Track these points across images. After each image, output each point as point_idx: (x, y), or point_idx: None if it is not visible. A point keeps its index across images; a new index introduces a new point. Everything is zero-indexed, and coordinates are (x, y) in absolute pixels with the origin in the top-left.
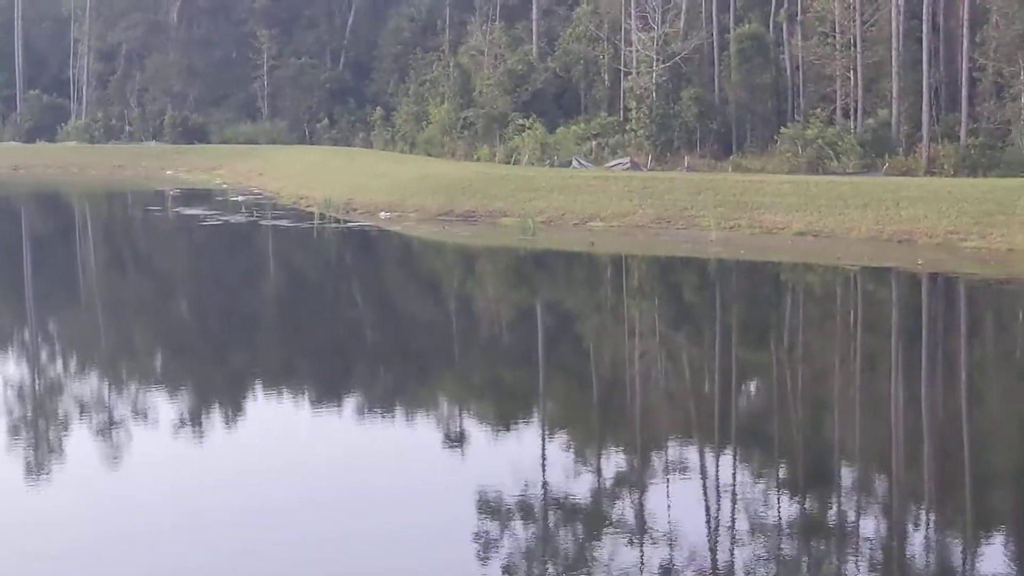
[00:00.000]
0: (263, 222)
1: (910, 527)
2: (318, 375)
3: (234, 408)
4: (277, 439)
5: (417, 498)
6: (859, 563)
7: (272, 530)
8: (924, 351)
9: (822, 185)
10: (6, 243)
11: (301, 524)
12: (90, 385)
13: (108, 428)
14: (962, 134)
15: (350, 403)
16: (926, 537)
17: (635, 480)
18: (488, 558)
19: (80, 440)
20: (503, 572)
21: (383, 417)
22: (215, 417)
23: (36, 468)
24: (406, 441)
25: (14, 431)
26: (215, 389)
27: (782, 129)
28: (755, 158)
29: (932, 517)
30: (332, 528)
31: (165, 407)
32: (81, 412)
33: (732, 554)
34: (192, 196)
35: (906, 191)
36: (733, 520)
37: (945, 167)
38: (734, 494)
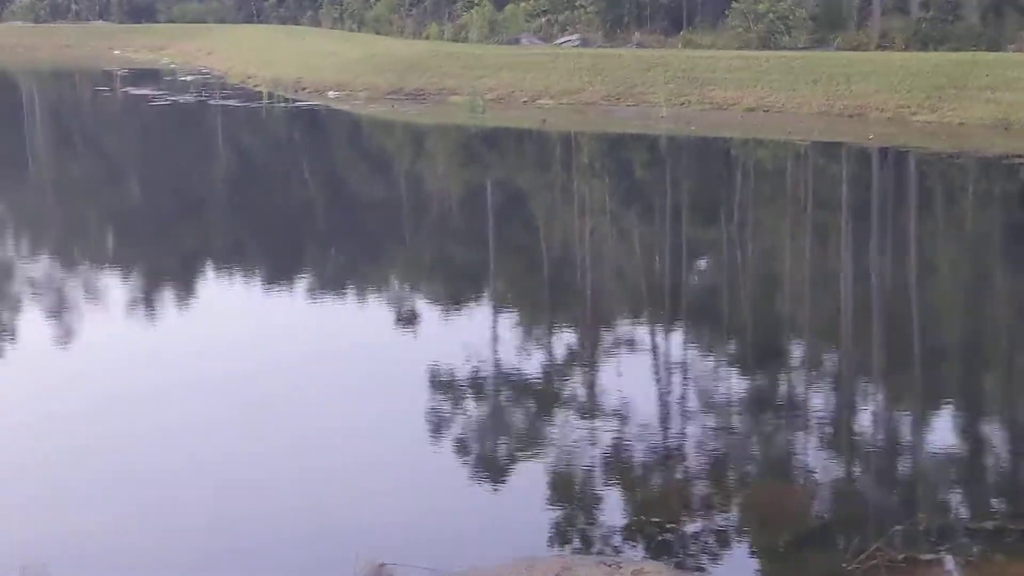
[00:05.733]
0: (212, 102)
1: (859, 402)
2: (268, 256)
3: (186, 290)
4: (227, 321)
5: (368, 377)
6: (809, 438)
7: (223, 409)
8: (874, 225)
9: (773, 60)
10: None
11: (251, 407)
12: (41, 266)
13: (60, 310)
14: (913, 8)
15: (300, 283)
16: (875, 412)
17: (586, 358)
18: (440, 436)
19: (32, 321)
20: (455, 450)
21: (334, 297)
22: (168, 299)
23: None
24: (357, 321)
25: None
26: (168, 271)
27: (733, 4)
28: (705, 34)
29: (882, 392)
30: (283, 411)
31: (117, 288)
32: (32, 294)
33: (683, 429)
34: (140, 76)
35: (857, 65)
36: (684, 396)
37: (896, 41)
38: (685, 370)
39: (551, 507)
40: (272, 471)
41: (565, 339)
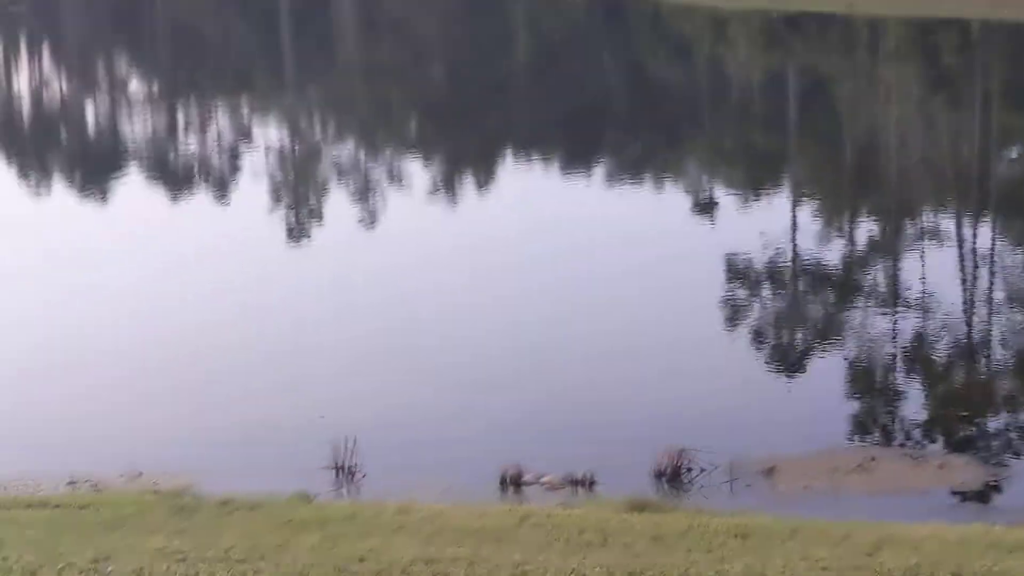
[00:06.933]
0: None
1: None
2: (571, 141)
3: (485, 173)
4: (531, 206)
5: (667, 266)
6: None
7: (529, 294)
8: None
9: None
10: None
11: (555, 289)
12: (348, 150)
13: (367, 190)
14: None
15: (601, 169)
16: None
17: (888, 248)
18: (738, 325)
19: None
20: (752, 337)
21: (633, 183)
22: (479, 177)
23: (298, 231)
24: (656, 207)
25: (276, 193)
26: (471, 155)
27: None
28: None
29: None
30: (586, 299)
31: (418, 174)
32: (339, 177)
33: (988, 323)
34: None
35: None
36: (990, 289)
37: None
38: (991, 262)
39: (852, 399)
40: (572, 358)
41: (867, 228)
